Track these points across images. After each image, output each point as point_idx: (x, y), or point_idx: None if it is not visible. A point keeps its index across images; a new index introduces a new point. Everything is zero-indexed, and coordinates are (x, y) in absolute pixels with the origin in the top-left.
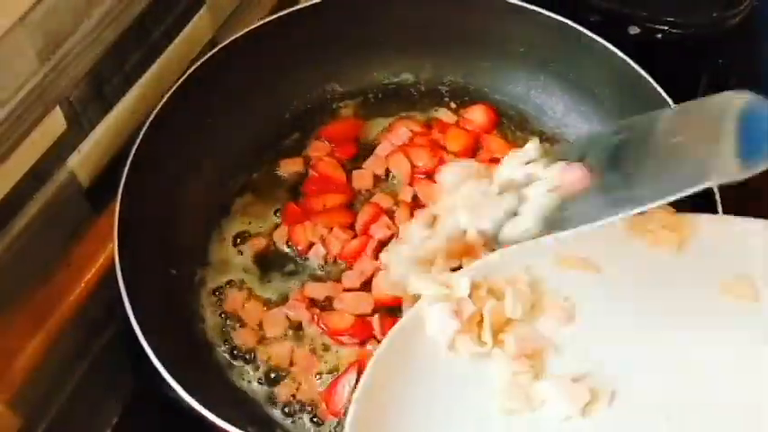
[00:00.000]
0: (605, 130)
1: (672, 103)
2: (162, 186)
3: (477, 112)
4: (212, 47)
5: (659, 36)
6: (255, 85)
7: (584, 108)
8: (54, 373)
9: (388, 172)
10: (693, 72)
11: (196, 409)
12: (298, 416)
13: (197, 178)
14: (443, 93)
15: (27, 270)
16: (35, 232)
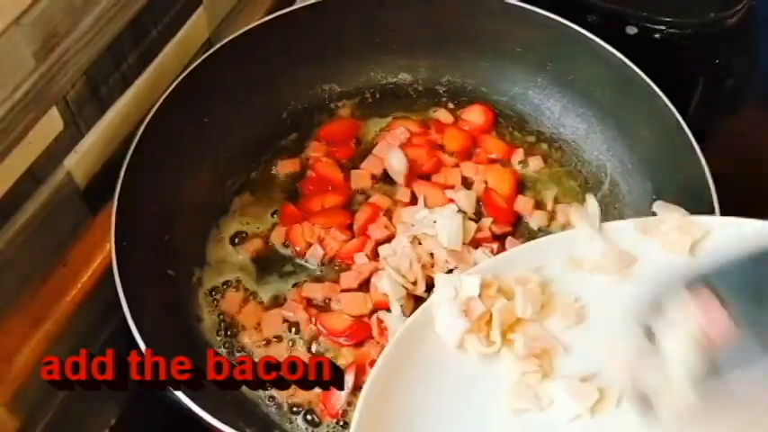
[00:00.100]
0: (738, 256)
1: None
2: (159, 186)
3: (475, 112)
4: (209, 47)
5: (657, 36)
6: (252, 85)
7: (582, 108)
8: None
9: (385, 172)
10: (691, 72)
11: (194, 410)
12: (295, 417)
13: (194, 178)
14: (441, 93)
15: (24, 271)
16: (32, 233)
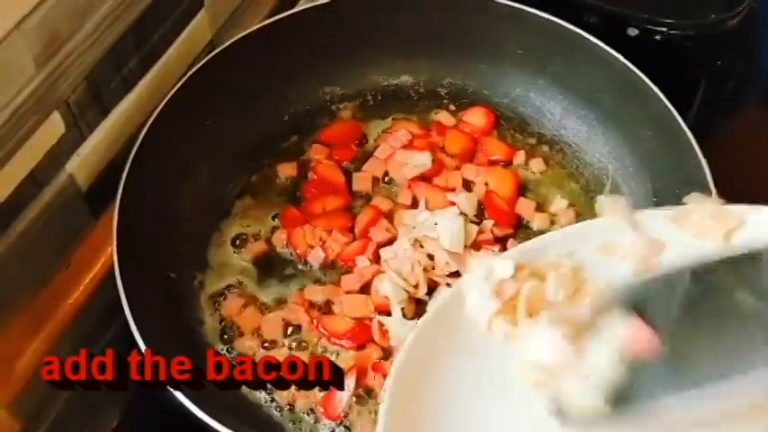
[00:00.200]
0: (673, 274)
1: (670, 106)
2: (161, 189)
3: (476, 114)
4: (211, 50)
5: (658, 38)
6: (254, 88)
7: (583, 111)
8: None
9: (387, 175)
10: (693, 74)
11: (195, 413)
12: (297, 419)
13: (196, 181)
14: (442, 95)
15: (26, 273)
16: (34, 236)
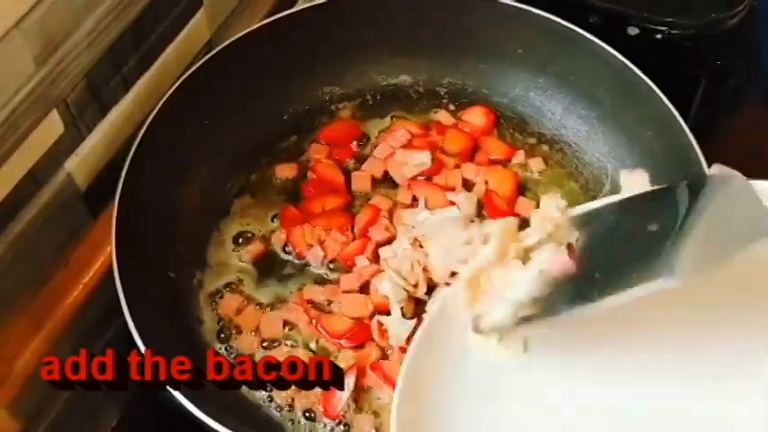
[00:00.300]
0: (599, 208)
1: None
2: (160, 189)
3: (476, 113)
4: (210, 49)
5: (658, 37)
6: (253, 88)
7: (583, 110)
8: None
9: (386, 174)
10: (693, 73)
11: (194, 413)
12: (296, 418)
13: (195, 181)
14: (442, 94)
15: (25, 273)
16: (33, 235)
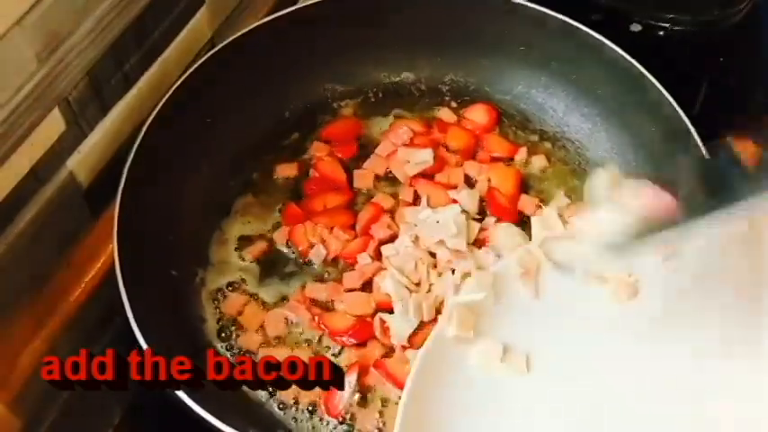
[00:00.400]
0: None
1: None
2: (162, 187)
3: (478, 111)
4: (211, 47)
5: (661, 34)
6: (255, 85)
7: (586, 107)
8: None
9: (388, 172)
10: (695, 70)
11: (196, 411)
12: (299, 416)
13: (197, 178)
14: (444, 92)
15: (26, 272)
16: (35, 233)
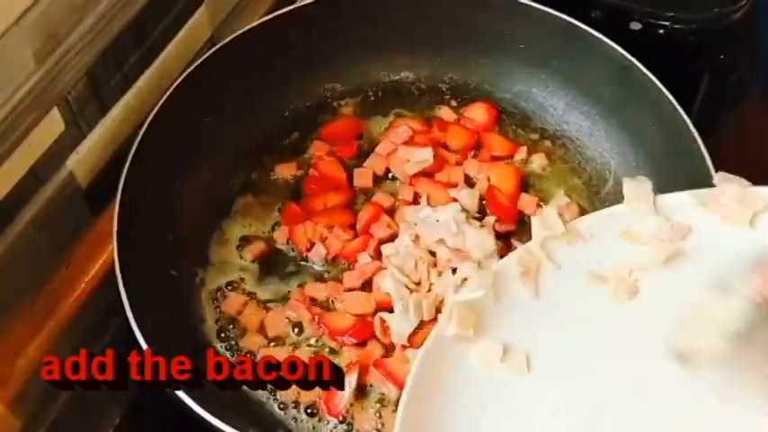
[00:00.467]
0: None
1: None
2: (161, 187)
3: (478, 110)
4: (211, 46)
5: (661, 32)
6: (254, 84)
7: (585, 106)
8: None
9: (388, 171)
10: (696, 68)
11: (197, 411)
12: (299, 416)
13: (196, 178)
14: (444, 90)
15: (26, 272)
16: (34, 233)
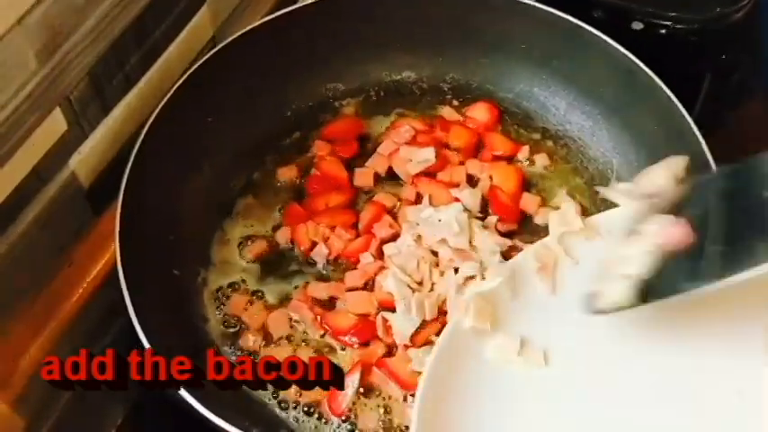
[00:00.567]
0: (707, 176)
1: (675, 100)
2: (163, 187)
3: (480, 109)
4: (213, 46)
5: (663, 32)
6: (256, 84)
7: (587, 105)
8: None
9: (390, 171)
10: (698, 67)
11: (199, 410)
12: (302, 416)
13: (199, 178)
14: (446, 90)
15: (28, 272)
16: (36, 233)
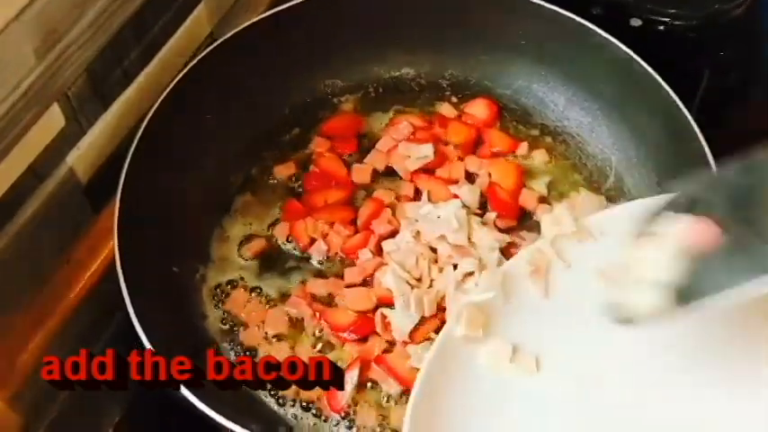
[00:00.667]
0: (723, 173)
1: (674, 96)
2: (162, 183)
3: (479, 106)
4: (211, 42)
5: (662, 28)
6: (255, 81)
7: (586, 102)
8: None
9: (389, 167)
10: (696, 64)
11: (198, 407)
12: (301, 413)
13: (197, 174)
14: (444, 87)
15: (26, 269)
16: (35, 230)
